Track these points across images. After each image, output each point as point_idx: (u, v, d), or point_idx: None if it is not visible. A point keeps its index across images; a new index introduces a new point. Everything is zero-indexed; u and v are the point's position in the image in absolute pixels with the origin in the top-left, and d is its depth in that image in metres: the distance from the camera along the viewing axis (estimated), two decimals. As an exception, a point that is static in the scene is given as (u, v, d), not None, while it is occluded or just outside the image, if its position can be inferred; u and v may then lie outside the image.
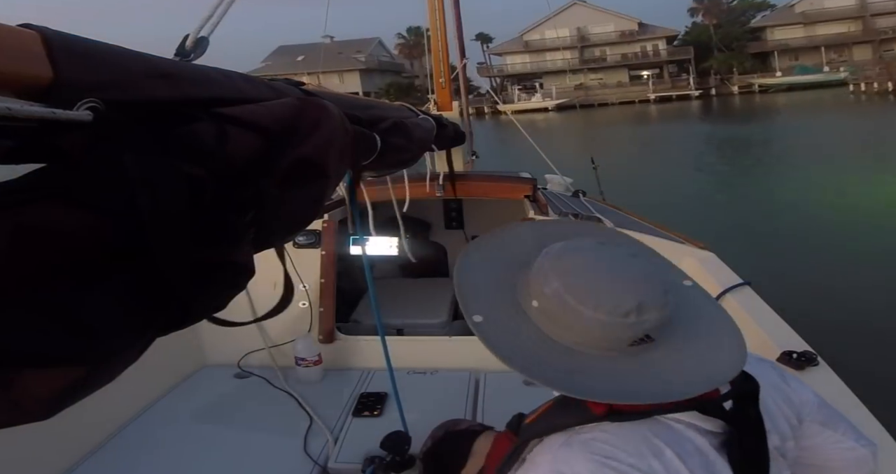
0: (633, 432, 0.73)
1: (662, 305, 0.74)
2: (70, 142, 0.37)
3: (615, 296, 0.73)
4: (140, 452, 1.76)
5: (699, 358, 0.77)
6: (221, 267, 0.47)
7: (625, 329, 0.73)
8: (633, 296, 0.73)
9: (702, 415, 0.74)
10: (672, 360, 0.76)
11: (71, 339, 0.35)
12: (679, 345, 0.77)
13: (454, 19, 3.71)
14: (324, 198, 0.70)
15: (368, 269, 1.58)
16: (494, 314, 0.79)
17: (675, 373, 0.74)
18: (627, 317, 0.72)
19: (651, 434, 0.73)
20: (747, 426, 0.75)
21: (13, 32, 0.36)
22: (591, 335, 0.75)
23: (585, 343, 0.75)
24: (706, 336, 0.79)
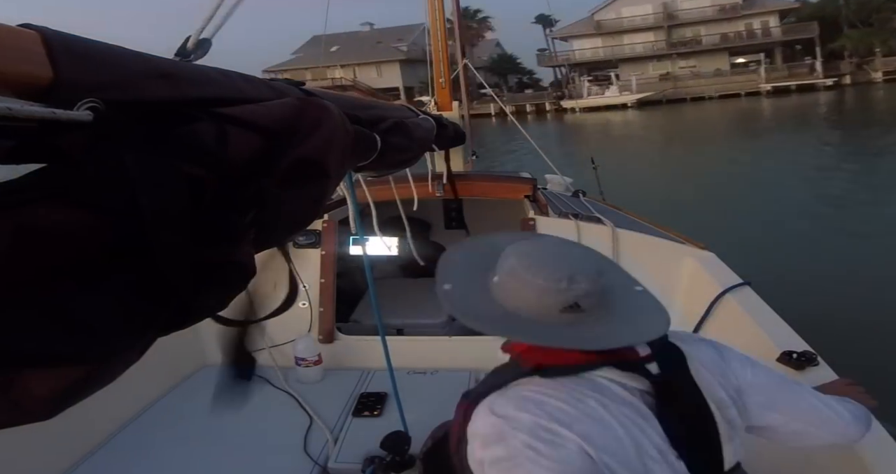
0: (559, 384, 0.85)
1: (591, 280, 0.89)
2: (70, 142, 0.37)
3: (552, 267, 0.90)
4: (140, 452, 1.76)
5: (617, 328, 0.90)
6: (222, 267, 0.47)
7: (556, 294, 0.88)
8: (567, 268, 0.89)
9: (620, 371, 0.87)
10: (594, 328, 0.89)
11: (72, 339, 0.35)
12: (604, 320, 0.91)
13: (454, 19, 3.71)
14: (324, 198, 0.70)
15: (369, 269, 1.58)
16: (461, 285, 0.98)
17: (593, 336, 0.88)
18: (559, 283, 0.87)
19: (575, 385, 0.85)
20: (676, 387, 0.87)
21: (13, 32, 0.36)
22: (530, 299, 0.90)
23: (526, 308, 0.90)
24: (631, 320, 0.93)
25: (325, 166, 0.66)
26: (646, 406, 0.85)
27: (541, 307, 0.89)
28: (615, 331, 0.89)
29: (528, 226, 2.27)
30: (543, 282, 0.88)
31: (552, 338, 0.88)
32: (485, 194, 2.77)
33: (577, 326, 0.88)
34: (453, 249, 1.09)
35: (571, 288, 0.87)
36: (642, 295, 0.99)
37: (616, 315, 0.92)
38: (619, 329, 0.89)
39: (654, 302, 0.97)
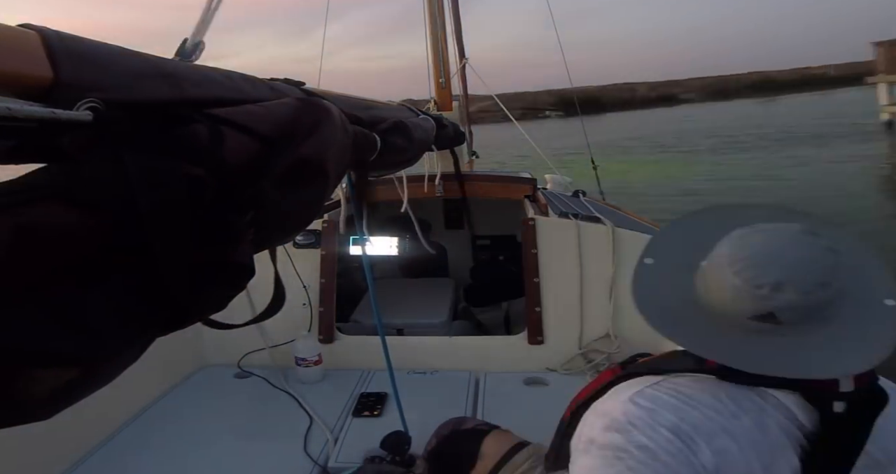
0: (726, 391, 0.76)
1: (803, 293, 0.74)
2: (70, 142, 0.37)
3: (759, 267, 0.75)
4: (140, 452, 1.76)
5: (810, 355, 0.75)
6: (221, 267, 0.47)
7: (752, 300, 0.75)
8: (777, 272, 0.74)
9: (802, 402, 0.75)
10: (786, 346, 0.76)
11: (71, 339, 0.35)
12: (806, 339, 0.76)
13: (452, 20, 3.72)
14: (323, 198, 0.70)
15: (369, 269, 1.58)
16: (665, 262, 0.86)
17: (773, 357, 0.75)
18: (760, 289, 0.74)
19: (744, 399, 0.76)
20: (848, 431, 0.75)
21: (13, 32, 0.36)
22: (723, 297, 0.78)
23: (715, 305, 0.79)
24: (836, 346, 0.76)
25: (325, 166, 0.66)
26: (802, 443, 0.75)
27: (731, 309, 0.78)
28: (802, 358, 0.75)
29: (528, 226, 2.27)
30: (742, 282, 0.75)
31: (716, 351, 0.76)
32: (485, 194, 2.77)
33: (766, 340, 0.76)
34: (678, 219, 0.94)
35: (774, 296, 0.74)
36: (888, 312, 0.79)
37: (826, 336, 0.76)
38: (805, 356, 0.75)
39: (890, 325, 0.78)
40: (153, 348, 0.44)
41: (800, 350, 0.76)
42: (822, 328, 0.77)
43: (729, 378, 0.77)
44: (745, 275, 0.76)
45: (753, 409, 0.75)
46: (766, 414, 0.75)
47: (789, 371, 0.74)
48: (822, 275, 0.75)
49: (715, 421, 0.74)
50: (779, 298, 0.74)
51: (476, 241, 3.10)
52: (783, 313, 0.75)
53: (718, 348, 0.77)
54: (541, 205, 2.59)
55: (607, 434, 0.75)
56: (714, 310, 0.80)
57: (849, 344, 0.76)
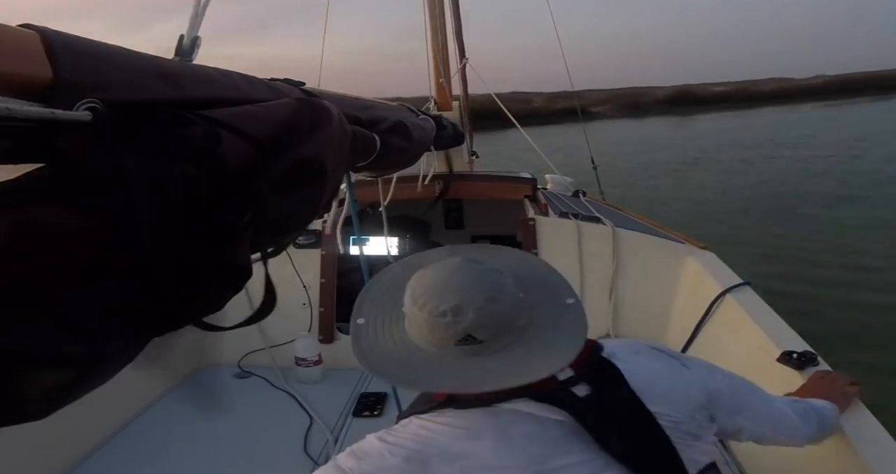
0: (464, 418, 0.82)
1: (479, 308, 0.82)
2: (69, 142, 0.37)
3: (435, 298, 0.83)
4: (140, 452, 1.76)
5: (522, 360, 0.83)
6: (219, 267, 0.47)
7: (444, 327, 0.82)
8: (451, 298, 0.82)
9: (535, 403, 0.82)
10: (498, 360, 0.83)
11: (67, 339, 0.35)
12: (510, 349, 0.84)
13: (453, 19, 3.71)
14: (323, 198, 0.70)
15: (367, 270, 1.58)
16: (375, 318, 0.93)
17: (498, 370, 0.82)
18: (444, 317, 0.82)
19: (481, 420, 0.82)
20: (610, 404, 0.82)
21: (13, 32, 0.36)
22: (422, 333, 0.85)
23: (425, 342, 0.85)
24: (533, 349, 0.85)
25: (324, 167, 0.66)
26: (569, 434, 0.80)
27: (435, 341, 0.84)
28: (513, 367, 0.82)
29: (528, 226, 2.27)
30: (428, 314, 0.83)
31: (436, 382, 0.84)
32: (485, 194, 2.77)
33: (479, 358, 0.83)
34: (380, 274, 1.02)
35: (458, 319, 0.82)
36: (571, 309, 0.91)
37: (525, 342, 0.85)
38: (520, 363, 0.83)
39: (576, 320, 0.89)
40: (153, 348, 0.44)
41: (513, 361, 0.83)
42: (520, 338, 0.85)
43: (462, 405, 0.83)
44: (427, 308, 0.83)
45: (493, 427, 0.80)
46: (508, 429, 0.80)
47: (508, 382, 0.80)
48: (489, 291, 0.84)
49: (451, 448, 0.79)
50: (462, 319, 0.81)
51: (476, 241, 3.10)
52: (477, 332, 0.82)
53: (439, 379, 0.83)
54: (541, 205, 2.59)
55: (347, 458, 0.84)
56: (425, 347, 0.85)
57: (548, 345, 0.85)
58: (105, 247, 0.37)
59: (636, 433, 0.81)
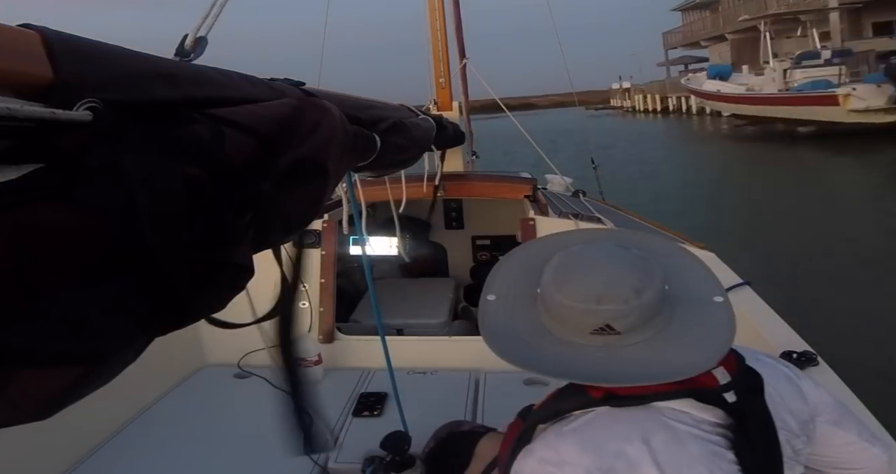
0: (625, 417, 0.77)
1: (624, 300, 0.79)
2: (69, 142, 0.37)
3: (580, 285, 0.81)
4: (140, 452, 1.76)
5: (659, 359, 0.79)
6: (221, 267, 0.47)
7: (583, 315, 0.80)
8: (597, 286, 0.80)
9: (698, 403, 0.78)
10: (635, 353, 0.80)
11: (69, 339, 0.35)
12: (649, 344, 0.81)
13: (454, 19, 3.71)
14: (323, 198, 0.70)
15: (368, 269, 1.58)
16: (506, 296, 0.89)
17: (631, 365, 0.79)
18: (585, 304, 0.79)
19: (644, 419, 0.77)
20: (752, 418, 0.78)
21: (13, 32, 0.36)
22: (562, 320, 0.82)
23: (558, 328, 0.83)
24: (683, 343, 0.81)
25: (325, 166, 0.66)
26: (720, 439, 0.77)
27: (571, 327, 0.81)
28: (658, 360, 0.78)
29: (527, 226, 2.27)
30: (567, 300, 0.80)
31: (571, 371, 0.79)
32: (485, 194, 2.77)
33: (613, 350, 0.79)
34: (511, 253, 0.98)
35: (598, 309, 0.79)
36: (718, 307, 0.86)
37: (666, 336, 0.81)
38: (658, 358, 0.79)
39: (725, 319, 0.84)
40: (153, 348, 0.44)
41: (647, 353, 0.80)
42: (662, 331, 0.81)
43: (619, 403, 0.78)
44: (569, 294, 0.80)
45: (660, 427, 0.76)
46: (674, 429, 0.76)
47: (654, 377, 0.76)
48: (636, 283, 0.80)
49: (626, 454, 0.74)
50: (605, 310, 0.79)
51: (476, 241, 3.10)
52: (617, 323, 0.79)
53: (577, 369, 0.79)
54: (541, 205, 2.59)
55: None
56: (560, 333, 0.82)
57: (694, 342, 0.81)
58: (106, 247, 0.37)
59: (763, 448, 0.78)
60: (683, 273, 0.91)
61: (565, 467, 0.74)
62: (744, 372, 0.81)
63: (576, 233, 1.01)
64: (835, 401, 0.91)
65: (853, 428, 0.91)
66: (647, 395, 0.77)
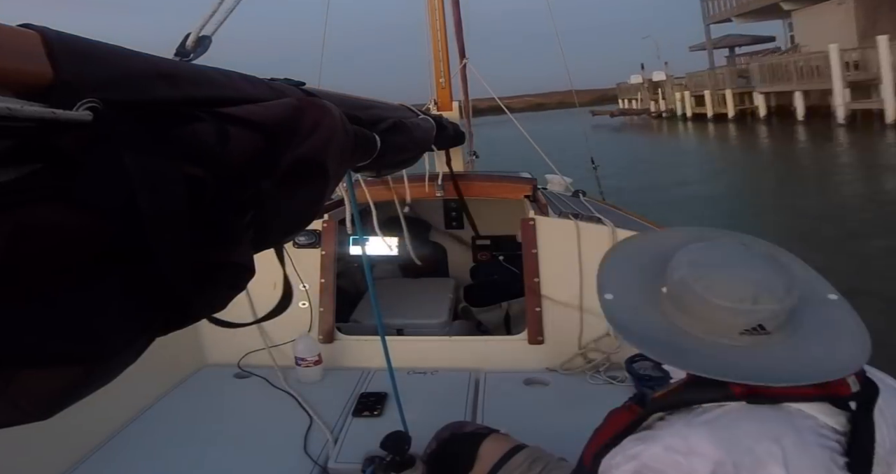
0: (758, 416, 0.76)
1: (779, 299, 0.77)
2: (70, 142, 0.37)
3: (732, 284, 0.78)
4: (140, 452, 1.76)
5: (812, 356, 0.78)
6: (221, 267, 0.47)
7: (736, 315, 0.78)
8: (751, 285, 0.78)
9: (831, 409, 0.77)
10: (780, 352, 0.79)
11: (69, 339, 0.35)
12: (792, 341, 0.80)
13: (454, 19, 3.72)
14: (323, 198, 0.70)
15: (368, 269, 1.58)
16: (625, 294, 0.87)
17: (786, 364, 0.77)
18: (741, 303, 0.77)
19: (775, 419, 0.75)
20: (863, 429, 0.77)
21: (13, 32, 0.36)
22: (706, 319, 0.80)
23: (700, 327, 0.80)
24: (825, 341, 0.80)
25: (325, 166, 0.66)
26: (838, 447, 0.76)
27: (717, 328, 0.79)
28: (806, 359, 0.77)
29: (528, 225, 2.27)
30: (721, 300, 0.78)
31: (729, 371, 0.76)
32: (484, 194, 2.77)
33: (758, 351, 0.78)
34: (615, 249, 0.97)
35: (756, 309, 0.77)
36: (837, 305, 0.85)
37: (806, 335, 0.80)
38: (811, 355, 0.78)
39: (851, 316, 0.83)
40: (153, 348, 0.44)
41: (793, 352, 0.79)
42: (797, 332, 0.81)
43: (757, 401, 0.76)
44: (720, 293, 0.78)
45: (790, 429, 0.75)
46: (802, 432, 0.75)
47: (806, 377, 0.75)
48: (787, 281, 0.80)
49: (755, 451, 0.73)
50: (761, 309, 0.77)
51: (476, 241, 3.10)
52: (769, 322, 0.78)
53: (731, 368, 0.77)
54: (541, 205, 2.59)
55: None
56: (702, 332, 0.81)
57: (832, 341, 0.81)
58: (106, 247, 0.37)
59: (863, 461, 0.76)
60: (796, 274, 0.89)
61: (693, 457, 0.73)
62: (865, 382, 0.80)
63: (673, 233, 0.99)
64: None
65: None
66: (783, 396, 0.76)
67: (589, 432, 0.93)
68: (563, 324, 2.13)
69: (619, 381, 1.95)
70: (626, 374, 1.93)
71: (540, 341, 2.13)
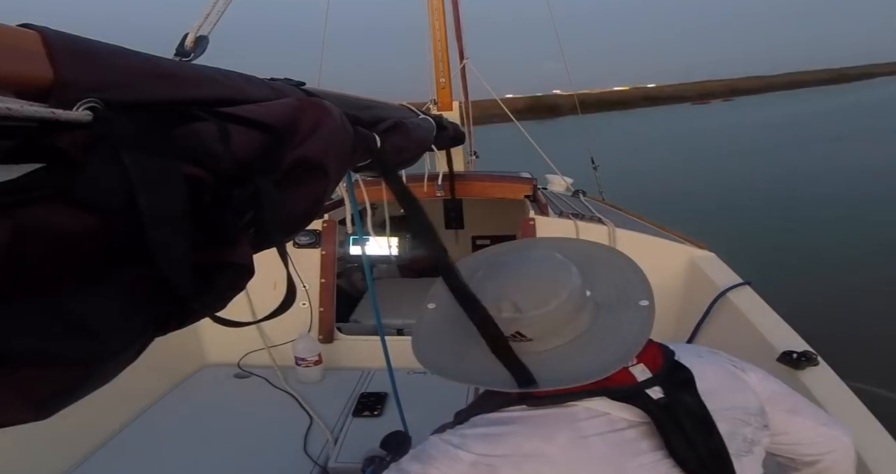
0: (535, 417, 0.79)
1: (531, 309, 0.80)
2: (70, 142, 0.37)
3: (494, 293, 0.82)
4: (140, 452, 1.76)
5: (574, 362, 0.81)
6: (221, 267, 0.47)
7: (498, 323, 0.80)
8: (508, 295, 0.81)
9: (612, 402, 0.79)
10: (546, 360, 0.81)
11: (70, 339, 0.35)
12: (561, 349, 0.82)
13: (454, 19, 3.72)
14: (323, 198, 0.70)
15: (368, 269, 1.58)
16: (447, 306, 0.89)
17: (546, 370, 0.80)
18: (496, 311, 0.80)
19: (554, 419, 0.78)
20: (682, 411, 0.79)
21: (13, 32, 0.36)
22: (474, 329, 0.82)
23: (474, 336, 0.82)
24: (602, 347, 0.82)
25: (325, 166, 0.66)
26: (638, 436, 0.78)
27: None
28: (569, 364, 0.80)
29: (528, 225, 2.27)
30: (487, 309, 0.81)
31: (482, 379, 0.81)
32: (485, 194, 2.77)
33: (528, 356, 0.80)
34: (464, 259, 0.99)
35: (504, 317, 0.80)
36: (641, 311, 0.87)
37: (584, 341, 0.83)
38: (576, 361, 0.80)
39: (644, 322, 0.85)
40: (153, 348, 0.44)
41: (565, 360, 0.81)
42: (580, 337, 0.83)
43: (535, 403, 0.80)
44: (483, 299, 0.81)
45: (566, 426, 0.77)
46: (580, 427, 0.77)
47: (559, 381, 0.78)
48: (543, 291, 0.81)
49: (522, 448, 0.76)
50: (509, 318, 0.80)
51: (476, 241, 3.10)
52: (526, 330, 0.80)
53: (482, 376, 0.81)
54: (541, 205, 2.59)
55: (411, 462, 0.83)
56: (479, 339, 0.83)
57: (609, 345, 0.82)
58: (106, 247, 0.37)
59: (701, 440, 0.78)
60: (614, 278, 0.92)
61: (460, 451, 0.78)
62: (671, 368, 0.83)
63: (511, 244, 1.03)
64: (788, 391, 0.94)
65: (809, 415, 0.93)
66: (562, 395, 0.79)
67: None
68: None
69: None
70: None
71: None
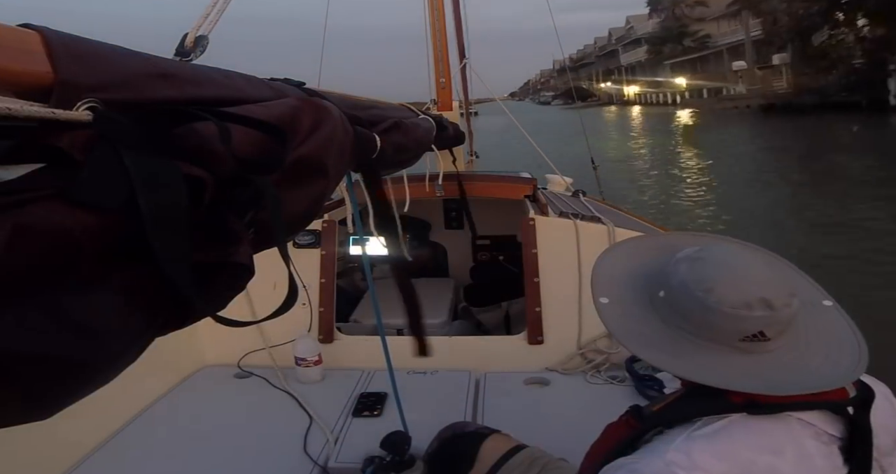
0: (758, 427, 0.74)
1: (782, 305, 0.75)
2: (70, 142, 0.37)
3: (734, 287, 0.76)
4: (140, 452, 1.76)
5: (814, 365, 0.77)
6: (221, 267, 0.47)
7: (738, 321, 0.75)
8: (754, 290, 0.75)
9: (830, 415, 0.76)
10: (780, 359, 0.77)
11: (70, 339, 0.35)
12: (791, 347, 0.78)
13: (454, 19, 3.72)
14: (323, 198, 0.70)
15: (368, 269, 1.58)
16: (621, 298, 0.85)
17: (787, 372, 0.76)
18: (743, 309, 0.75)
19: (775, 430, 0.74)
20: (861, 433, 0.76)
21: (13, 32, 0.36)
22: (705, 325, 0.77)
23: (699, 333, 0.78)
24: (824, 349, 0.79)
25: (325, 166, 0.66)
26: (839, 452, 0.75)
27: (716, 334, 0.77)
28: (807, 368, 0.76)
29: (528, 225, 2.27)
30: (722, 306, 0.75)
31: (729, 379, 0.74)
32: (484, 194, 2.77)
33: (759, 358, 0.76)
34: (610, 252, 0.95)
35: (757, 315, 0.75)
36: (832, 311, 0.84)
37: (806, 342, 0.79)
38: (812, 364, 0.76)
39: (846, 322, 0.82)
40: (153, 348, 0.44)
41: (793, 358, 0.77)
42: (798, 339, 0.79)
43: (757, 411, 0.75)
44: (722, 298, 0.76)
45: (791, 441, 0.74)
46: (803, 443, 0.74)
47: (810, 386, 0.74)
48: (789, 286, 0.78)
49: (756, 464, 0.72)
50: (764, 316, 0.75)
51: (476, 241, 3.10)
52: (770, 329, 0.76)
53: (732, 376, 0.76)
54: (541, 205, 2.59)
55: None
56: (700, 338, 0.79)
57: (829, 347, 0.79)
58: (106, 247, 0.37)
59: (862, 465, 0.75)
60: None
61: (695, 472, 0.71)
62: (861, 387, 0.79)
63: (672, 237, 0.98)
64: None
65: None
66: (783, 404, 0.74)
67: (589, 432, 0.92)
68: (563, 324, 2.13)
69: (619, 381, 1.95)
70: (625, 374, 1.93)
71: (540, 341, 2.13)
